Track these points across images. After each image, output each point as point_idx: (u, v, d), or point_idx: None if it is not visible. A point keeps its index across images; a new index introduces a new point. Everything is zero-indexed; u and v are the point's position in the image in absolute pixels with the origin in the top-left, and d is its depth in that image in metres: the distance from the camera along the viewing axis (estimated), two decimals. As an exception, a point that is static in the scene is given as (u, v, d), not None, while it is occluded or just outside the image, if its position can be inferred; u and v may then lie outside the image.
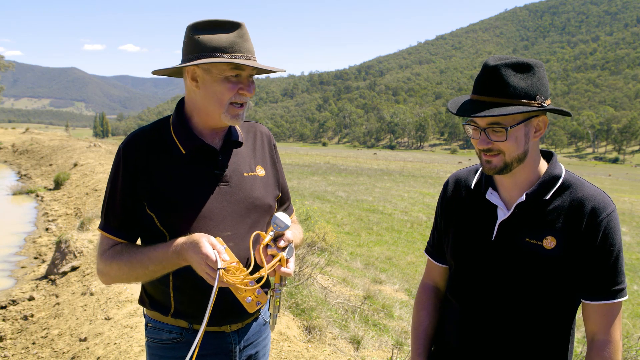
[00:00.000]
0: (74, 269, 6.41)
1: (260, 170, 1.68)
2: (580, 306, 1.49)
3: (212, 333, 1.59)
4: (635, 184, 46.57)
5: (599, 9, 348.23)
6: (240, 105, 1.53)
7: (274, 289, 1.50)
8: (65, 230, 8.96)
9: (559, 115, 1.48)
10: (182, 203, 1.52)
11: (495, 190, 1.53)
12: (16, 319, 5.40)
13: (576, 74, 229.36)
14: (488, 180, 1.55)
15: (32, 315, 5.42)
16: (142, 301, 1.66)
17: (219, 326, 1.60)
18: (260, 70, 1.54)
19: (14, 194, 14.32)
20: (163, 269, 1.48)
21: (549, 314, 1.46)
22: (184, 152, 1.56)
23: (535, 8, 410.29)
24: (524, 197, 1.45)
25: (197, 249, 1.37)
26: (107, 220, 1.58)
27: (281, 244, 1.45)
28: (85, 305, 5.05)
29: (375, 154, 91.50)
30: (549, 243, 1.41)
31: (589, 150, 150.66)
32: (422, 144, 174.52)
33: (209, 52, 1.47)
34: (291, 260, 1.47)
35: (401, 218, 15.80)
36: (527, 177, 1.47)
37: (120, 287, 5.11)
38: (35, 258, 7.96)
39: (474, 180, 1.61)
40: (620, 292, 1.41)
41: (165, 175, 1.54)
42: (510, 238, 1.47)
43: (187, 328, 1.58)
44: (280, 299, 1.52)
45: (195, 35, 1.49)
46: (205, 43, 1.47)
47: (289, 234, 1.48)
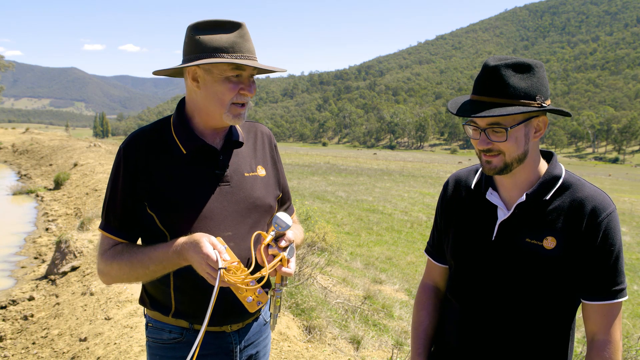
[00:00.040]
0: (74, 269, 6.41)
1: (261, 171, 1.68)
2: (580, 306, 1.49)
3: (213, 333, 1.59)
4: (635, 184, 46.56)
5: (599, 9, 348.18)
6: (241, 105, 1.53)
7: (274, 289, 1.50)
8: (65, 230, 8.96)
9: (559, 115, 1.48)
10: (183, 203, 1.52)
11: (495, 190, 1.53)
12: (16, 319, 5.40)
13: (576, 74, 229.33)
14: (488, 180, 1.55)
15: (32, 315, 5.42)
16: (143, 301, 1.66)
17: (219, 326, 1.60)
18: (261, 70, 1.53)
19: (14, 194, 14.32)
20: (164, 269, 1.48)
21: (549, 314, 1.46)
22: (184, 152, 1.56)
23: (535, 8, 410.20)
24: (524, 198, 1.45)
25: (198, 249, 1.37)
26: (108, 220, 1.58)
27: (282, 243, 1.45)
28: (85, 305, 5.05)
29: (375, 154, 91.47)
30: (549, 243, 1.41)
31: (589, 150, 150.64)
32: (422, 144, 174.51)
33: (209, 53, 1.46)
34: (292, 260, 1.47)
35: (401, 218, 15.80)
36: (527, 178, 1.47)
37: (120, 287, 5.11)
38: (35, 258, 7.96)
39: (474, 181, 1.61)
40: (620, 293, 1.41)
41: (166, 175, 1.54)
42: (511, 238, 1.47)
43: (188, 328, 1.58)
44: (281, 298, 1.52)
45: (196, 36, 1.48)
46: (206, 43, 1.47)
47: (290, 234, 1.48)
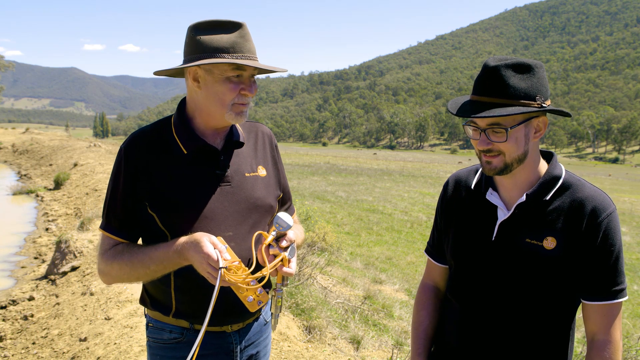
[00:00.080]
0: (74, 269, 6.41)
1: (262, 171, 1.68)
2: (580, 306, 1.49)
3: (213, 333, 1.59)
4: (635, 184, 46.55)
5: (599, 9, 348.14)
6: (243, 104, 1.53)
7: (275, 289, 1.50)
8: (65, 230, 8.96)
9: (559, 115, 1.48)
10: (184, 203, 1.52)
11: (495, 190, 1.53)
12: (16, 319, 5.40)
13: (576, 74, 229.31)
14: (488, 180, 1.55)
15: (32, 315, 5.43)
16: (143, 301, 1.66)
17: (220, 326, 1.60)
18: (261, 70, 1.53)
19: (14, 194, 14.32)
20: (164, 269, 1.48)
21: (549, 314, 1.46)
22: (185, 153, 1.56)
23: (535, 8, 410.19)
24: (524, 198, 1.45)
25: (199, 249, 1.37)
26: (109, 220, 1.58)
27: (283, 243, 1.45)
28: (85, 305, 5.05)
29: (375, 154, 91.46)
30: (549, 243, 1.42)
31: (589, 150, 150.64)
32: (422, 144, 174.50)
33: (210, 53, 1.46)
34: (293, 260, 1.47)
35: (401, 218, 15.80)
36: (527, 178, 1.47)
37: (120, 287, 5.11)
38: (35, 258, 7.96)
39: (474, 181, 1.61)
40: (620, 293, 1.41)
41: (166, 175, 1.54)
42: (511, 238, 1.47)
43: (188, 328, 1.58)
44: (282, 298, 1.52)
45: (197, 36, 1.48)
46: (207, 43, 1.47)
47: (291, 234, 1.48)
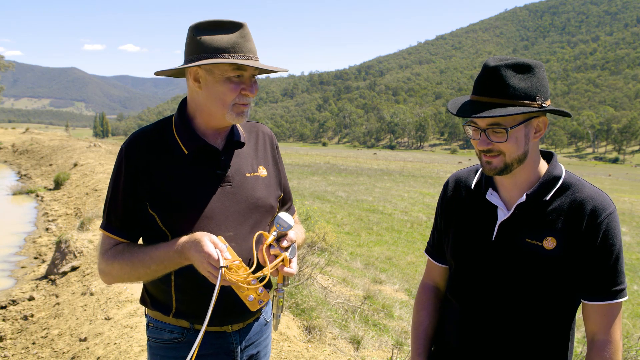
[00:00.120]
0: (74, 269, 6.41)
1: (263, 171, 1.68)
2: (580, 306, 1.49)
3: (214, 333, 1.59)
4: (635, 184, 46.56)
5: (599, 9, 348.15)
6: (244, 104, 1.53)
7: (277, 289, 1.50)
8: (65, 230, 8.96)
9: (559, 115, 1.48)
10: (185, 203, 1.52)
11: (495, 190, 1.53)
12: (16, 319, 5.40)
13: (576, 74, 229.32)
14: (488, 180, 1.55)
15: (32, 315, 5.43)
16: (144, 301, 1.66)
17: (220, 326, 1.60)
18: (262, 71, 1.53)
19: (14, 194, 14.32)
20: (165, 269, 1.48)
21: (549, 314, 1.46)
22: (186, 153, 1.56)
23: (535, 8, 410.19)
24: (524, 198, 1.45)
25: (199, 248, 1.37)
26: (109, 220, 1.58)
27: (284, 244, 1.45)
28: (85, 305, 5.05)
29: (375, 154, 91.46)
30: (549, 243, 1.42)
31: (589, 150, 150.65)
32: (422, 144, 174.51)
33: (211, 53, 1.46)
34: (294, 260, 1.47)
35: (401, 218, 15.79)
36: (527, 178, 1.47)
37: (120, 287, 5.11)
38: (35, 258, 7.96)
39: (474, 181, 1.61)
40: (620, 293, 1.41)
41: (167, 175, 1.54)
42: (511, 238, 1.47)
43: (189, 328, 1.58)
44: (283, 299, 1.52)
45: (197, 36, 1.48)
46: (207, 44, 1.47)
47: (292, 234, 1.48)
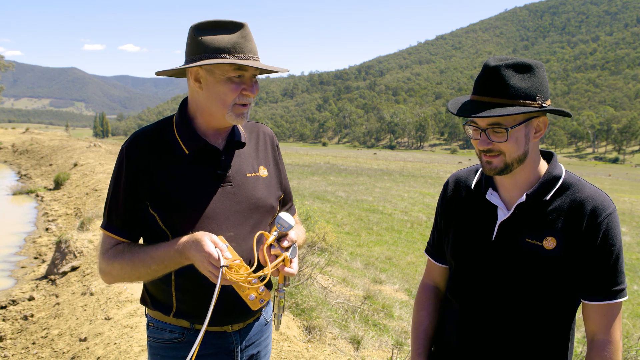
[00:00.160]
0: (74, 269, 6.41)
1: (263, 171, 1.68)
2: (580, 306, 1.49)
3: (214, 333, 1.59)
4: (635, 184, 46.56)
5: (599, 9, 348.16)
6: (244, 105, 1.53)
7: (278, 289, 1.50)
8: (65, 230, 8.96)
9: (559, 115, 1.48)
10: (185, 203, 1.52)
11: (495, 190, 1.53)
12: (16, 319, 5.40)
13: (576, 74, 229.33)
14: (488, 180, 1.55)
15: (32, 315, 5.43)
16: (144, 301, 1.67)
17: (220, 326, 1.60)
18: (263, 71, 1.53)
19: (14, 194, 14.32)
20: (165, 268, 1.48)
21: (549, 314, 1.46)
22: (187, 152, 1.56)
23: (535, 8, 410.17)
24: (524, 198, 1.45)
25: (200, 247, 1.37)
26: (110, 220, 1.58)
27: (285, 244, 1.45)
28: (85, 305, 5.06)
29: (375, 154, 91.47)
30: (549, 243, 1.42)
31: (589, 150, 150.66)
32: (422, 144, 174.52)
33: (211, 53, 1.46)
34: (295, 260, 1.47)
35: (401, 218, 15.80)
36: (527, 178, 1.47)
37: (120, 287, 5.11)
38: (35, 258, 7.96)
39: (474, 181, 1.61)
40: (620, 293, 1.41)
41: (168, 175, 1.54)
42: (511, 238, 1.47)
43: (189, 328, 1.59)
44: (284, 299, 1.52)
45: (198, 36, 1.48)
46: (208, 44, 1.47)
47: (292, 234, 1.48)
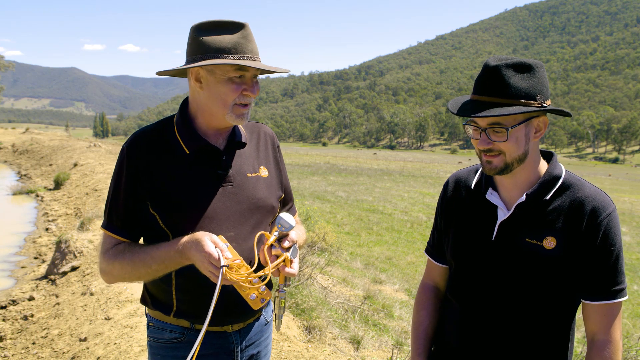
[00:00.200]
0: (74, 269, 6.41)
1: (264, 171, 1.68)
2: (580, 306, 1.49)
3: (214, 333, 1.59)
4: (635, 184, 46.56)
5: (599, 9, 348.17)
6: (244, 105, 1.53)
7: (278, 290, 1.50)
8: (65, 230, 8.96)
9: (559, 115, 1.48)
10: (185, 203, 1.52)
11: (495, 190, 1.53)
12: (16, 319, 5.40)
13: (576, 74, 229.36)
14: (488, 180, 1.55)
15: (32, 315, 5.43)
16: (144, 300, 1.67)
17: (220, 326, 1.60)
18: (264, 71, 1.53)
19: (14, 194, 14.32)
20: (166, 268, 1.48)
21: (549, 314, 1.46)
22: (187, 152, 1.56)
23: (535, 8, 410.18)
24: (524, 198, 1.45)
25: (200, 247, 1.37)
26: (110, 219, 1.58)
27: (285, 244, 1.45)
28: (85, 305, 5.06)
29: (375, 154, 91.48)
30: (549, 243, 1.42)
31: (589, 150, 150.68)
32: (422, 144, 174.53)
33: (212, 53, 1.46)
34: (295, 260, 1.47)
35: (401, 218, 15.79)
36: (527, 178, 1.47)
37: (120, 287, 5.11)
38: (35, 258, 7.96)
39: (474, 181, 1.61)
40: (620, 292, 1.41)
41: (168, 175, 1.54)
42: (511, 238, 1.47)
43: (189, 328, 1.59)
44: (285, 299, 1.52)
45: (199, 36, 1.48)
46: (209, 44, 1.47)
47: (293, 235, 1.48)
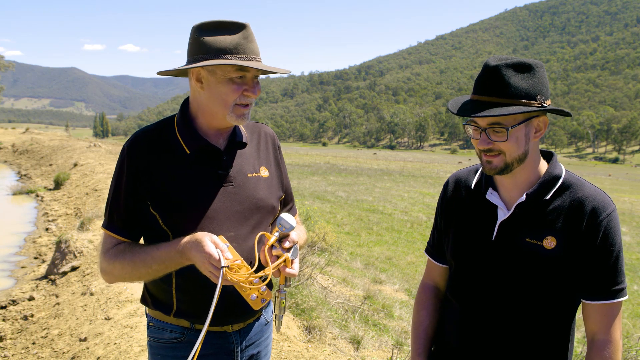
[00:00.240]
0: (74, 269, 6.41)
1: (264, 171, 1.68)
2: (580, 306, 1.49)
3: (214, 333, 1.59)
4: (635, 184, 46.56)
5: (599, 9, 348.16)
6: (245, 106, 1.53)
7: (279, 290, 1.50)
8: (65, 230, 8.96)
9: (559, 115, 1.48)
10: (186, 203, 1.52)
11: (495, 190, 1.53)
12: (16, 319, 5.40)
13: (576, 74, 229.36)
14: (488, 180, 1.55)
15: (32, 315, 5.43)
16: (145, 300, 1.67)
17: (220, 326, 1.60)
18: (265, 71, 1.53)
19: (14, 194, 14.32)
20: (166, 268, 1.49)
21: (549, 314, 1.46)
22: (188, 152, 1.56)
23: (535, 8, 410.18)
24: (524, 197, 1.45)
25: (200, 248, 1.37)
26: (111, 219, 1.58)
27: (286, 244, 1.45)
28: (85, 305, 5.06)
29: (375, 154, 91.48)
30: (549, 243, 1.42)
31: (589, 150, 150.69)
32: (422, 144, 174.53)
33: (213, 54, 1.46)
34: (296, 261, 1.47)
35: (401, 218, 15.79)
36: (528, 177, 1.47)
37: (120, 287, 5.11)
38: (35, 258, 7.96)
39: (474, 181, 1.61)
40: (620, 292, 1.41)
41: (168, 175, 1.54)
42: (511, 238, 1.47)
43: (189, 328, 1.59)
44: (285, 299, 1.52)
45: (201, 37, 1.48)
46: (210, 44, 1.47)
47: (294, 235, 1.48)
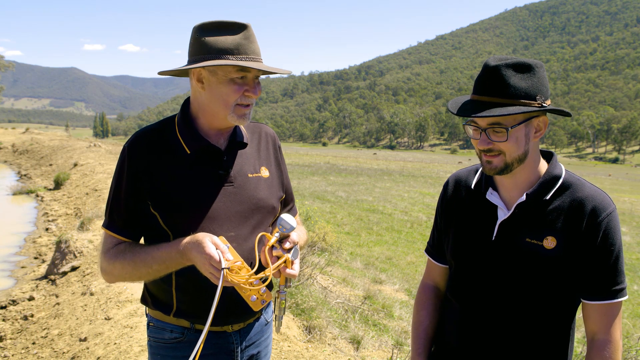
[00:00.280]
0: (74, 269, 6.41)
1: (265, 172, 1.68)
2: (580, 306, 1.49)
3: (214, 333, 1.59)
4: (635, 184, 46.57)
5: (599, 9, 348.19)
6: (246, 106, 1.53)
7: (279, 291, 1.49)
8: (65, 230, 8.96)
9: (559, 115, 1.48)
10: (186, 203, 1.52)
11: (495, 190, 1.53)
12: (16, 319, 5.40)
13: (576, 74, 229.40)
14: (488, 180, 1.55)
15: (32, 315, 5.43)
16: (145, 300, 1.67)
17: (220, 326, 1.60)
18: (266, 72, 1.53)
19: (14, 194, 14.32)
20: (166, 269, 1.49)
21: (549, 314, 1.46)
22: (188, 152, 1.56)
23: (535, 8, 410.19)
24: (524, 197, 1.45)
25: (201, 249, 1.37)
26: (112, 219, 1.58)
27: (286, 245, 1.45)
28: (85, 305, 5.06)
29: (375, 154, 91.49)
30: (549, 243, 1.42)
31: (589, 150, 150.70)
32: (422, 144, 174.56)
33: (214, 54, 1.46)
34: (296, 261, 1.47)
35: (401, 218, 15.79)
36: (528, 177, 1.47)
37: (120, 287, 5.11)
38: (35, 258, 7.96)
39: (474, 181, 1.61)
40: (620, 292, 1.41)
41: (169, 175, 1.54)
42: (511, 238, 1.47)
43: (189, 328, 1.59)
44: (285, 300, 1.51)
45: (202, 37, 1.48)
46: (211, 44, 1.47)
47: (294, 236, 1.48)
